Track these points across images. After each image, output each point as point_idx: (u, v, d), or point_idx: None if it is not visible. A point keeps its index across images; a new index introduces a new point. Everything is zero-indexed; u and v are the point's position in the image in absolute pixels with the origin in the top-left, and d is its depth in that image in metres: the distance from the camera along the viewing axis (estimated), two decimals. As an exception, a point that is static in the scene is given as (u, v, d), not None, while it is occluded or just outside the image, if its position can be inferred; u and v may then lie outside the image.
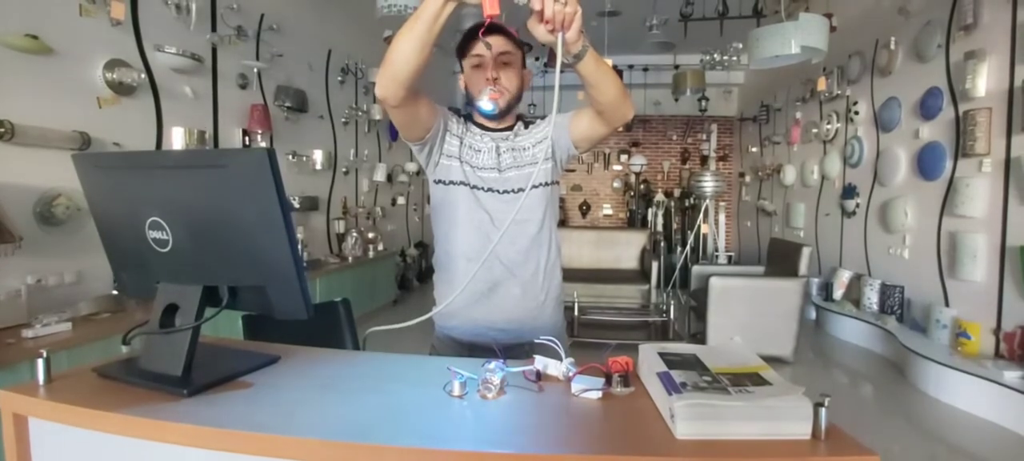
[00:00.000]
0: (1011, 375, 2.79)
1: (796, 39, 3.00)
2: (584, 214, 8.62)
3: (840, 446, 0.67)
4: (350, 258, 4.80)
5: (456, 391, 0.82)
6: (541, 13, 0.91)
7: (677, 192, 7.98)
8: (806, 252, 4.13)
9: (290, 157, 4.38)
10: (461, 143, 1.28)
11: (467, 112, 1.36)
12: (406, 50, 1.00)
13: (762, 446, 0.67)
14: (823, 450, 0.67)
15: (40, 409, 0.82)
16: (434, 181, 1.31)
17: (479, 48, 1.21)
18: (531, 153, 1.28)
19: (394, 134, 5.95)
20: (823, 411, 0.68)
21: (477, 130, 1.31)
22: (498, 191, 1.26)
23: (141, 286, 0.99)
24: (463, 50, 1.26)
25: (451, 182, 1.28)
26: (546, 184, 1.29)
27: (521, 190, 1.24)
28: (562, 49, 0.96)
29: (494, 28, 1.17)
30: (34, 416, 0.83)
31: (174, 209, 0.87)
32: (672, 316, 4.15)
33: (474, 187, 1.26)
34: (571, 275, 4.93)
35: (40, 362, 0.86)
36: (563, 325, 1.42)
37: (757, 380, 0.78)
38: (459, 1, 0.93)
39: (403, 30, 1.00)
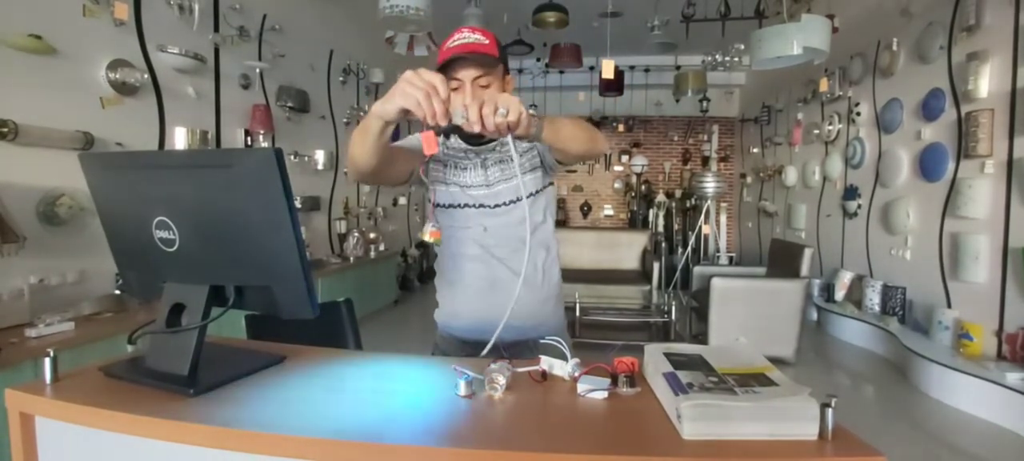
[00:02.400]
0: (1013, 377, 2.79)
1: (798, 40, 3.00)
2: (585, 215, 8.62)
3: (847, 447, 0.67)
4: (351, 258, 4.80)
5: (463, 391, 0.82)
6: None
7: (678, 193, 7.97)
8: (808, 253, 4.13)
9: (292, 157, 4.39)
10: (445, 166, 1.29)
11: (448, 129, 1.34)
12: (360, 156, 1.06)
13: (768, 446, 0.67)
14: (830, 451, 0.66)
15: (47, 408, 0.82)
16: (433, 203, 1.32)
17: (456, 73, 1.16)
18: (518, 163, 1.27)
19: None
20: (830, 411, 0.68)
21: (461, 146, 1.30)
22: (490, 206, 1.27)
23: (147, 286, 1.00)
24: (441, 69, 1.19)
25: (440, 205, 1.30)
26: (538, 191, 1.30)
27: (512, 202, 1.25)
28: (514, 140, 1.01)
29: (465, 57, 1.14)
30: (41, 415, 0.83)
31: (181, 209, 0.87)
32: (673, 317, 4.15)
33: (465, 206, 1.28)
34: (572, 276, 4.95)
35: (47, 361, 0.86)
36: (565, 324, 1.43)
37: (763, 380, 0.78)
38: (396, 120, 0.97)
39: (356, 137, 1.05)
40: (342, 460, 0.69)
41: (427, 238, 1.16)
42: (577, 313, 4.14)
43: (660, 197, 7.56)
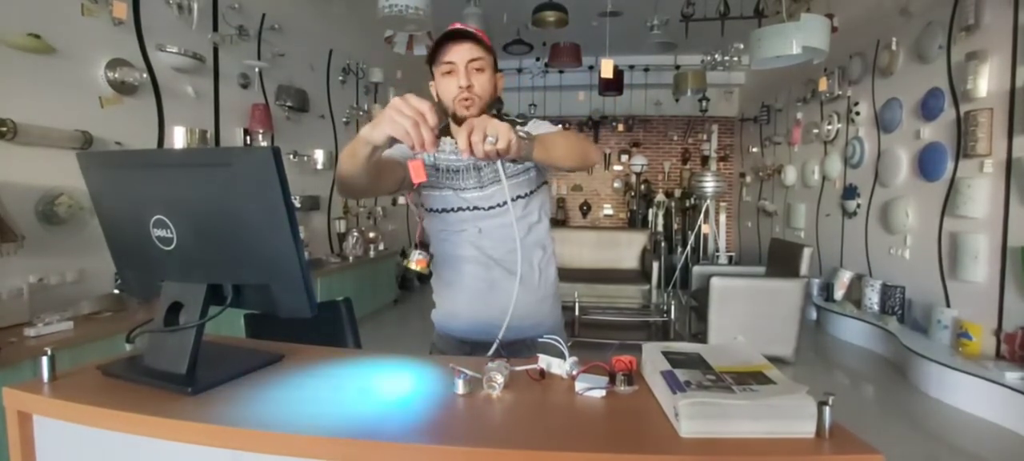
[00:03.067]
0: (1012, 376, 2.79)
1: (797, 40, 3.00)
2: (585, 214, 8.63)
3: (844, 445, 0.67)
4: (351, 258, 4.80)
5: (461, 389, 0.82)
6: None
7: (678, 192, 7.98)
8: (807, 252, 4.13)
9: (291, 157, 4.39)
10: (438, 170, 1.27)
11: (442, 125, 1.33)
12: (350, 175, 1.06)
13: (766, 444, 0.67)
14: (827, 449, 0.67)
15: (45, 407, 0.82)
16: (425, 208, 1.32)
17: (450, 55, 1.16)
18: (505, 179, 1.26)
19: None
20: (827, 410, 0.68)
21: (453, 146, 1.27)
22: (484, 208, 1.26)
23: (145, 285, 0.99)
24: (433, 57, 1.20)
25: (435, 209, 1.30)
26: (531, 193, 1.29)
27: (506, 203, 1.23)
28: (504, 162, 1.05)
29: (462, 35, 1.14)
30: (39, 414, 0.83)
31: (179, 207, 0.87)
32: (673, 316, 4.14)
33: (460, 209, 1.27)
34: (572, 275, 4.95)
35: (44, 360, 0.86)
36: (562, 322, 1.43)
37: (761, 379, 0.78)
38: (385, 145, 0.98)
39: (345, 159, 1.05)
40: (340, 458, 0.69)
41: (413, 265, 1.15)
42: (576, 312, 4.14)
43: (659, 196, 7.57)
